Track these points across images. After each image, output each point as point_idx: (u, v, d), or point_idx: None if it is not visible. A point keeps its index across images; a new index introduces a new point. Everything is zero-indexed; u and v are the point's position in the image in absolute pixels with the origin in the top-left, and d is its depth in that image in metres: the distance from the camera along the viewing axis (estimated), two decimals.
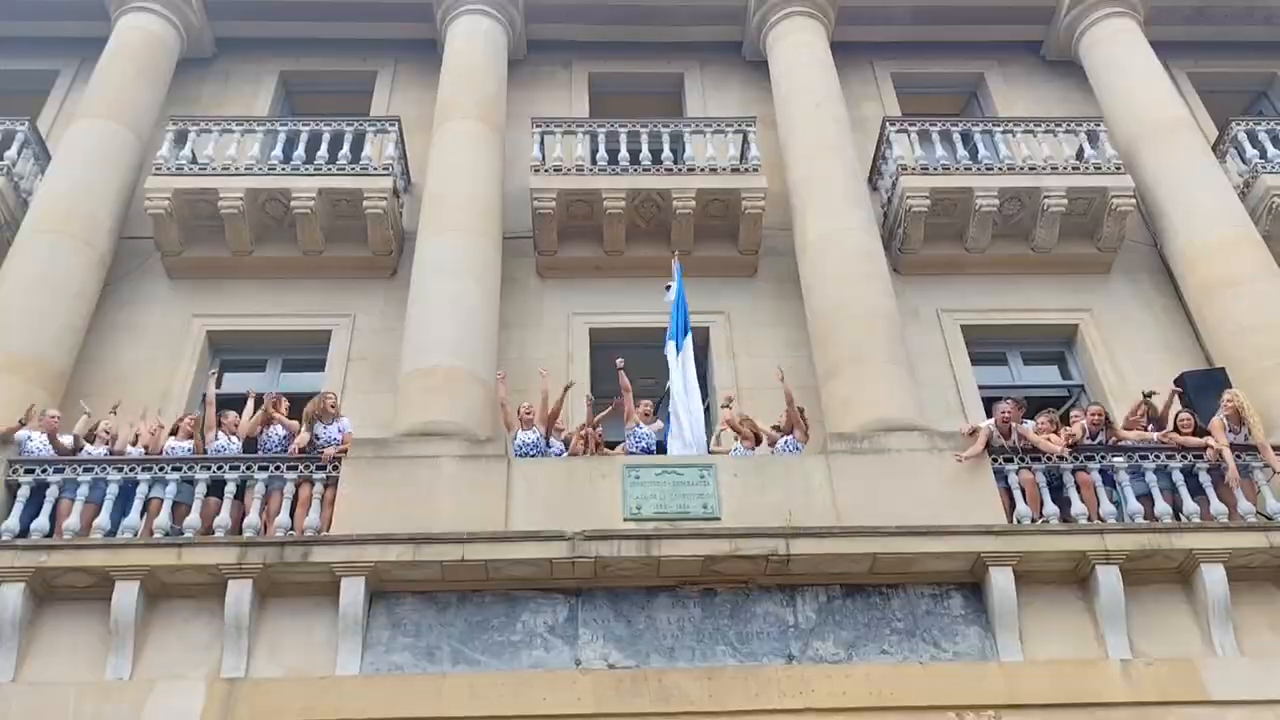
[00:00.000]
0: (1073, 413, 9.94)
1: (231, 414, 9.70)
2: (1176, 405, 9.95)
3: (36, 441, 9.24)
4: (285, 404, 9.85)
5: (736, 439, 9.88)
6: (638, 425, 9.87)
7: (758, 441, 9.85)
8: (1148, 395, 10.00)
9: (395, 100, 13.87)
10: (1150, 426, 9.77)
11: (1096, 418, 9.62)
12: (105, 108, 12.29)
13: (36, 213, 11.31)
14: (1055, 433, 9.53)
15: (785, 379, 10.06)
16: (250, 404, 9.88)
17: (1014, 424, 9.43)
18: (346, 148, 12.13)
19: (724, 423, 10.15)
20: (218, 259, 11.82)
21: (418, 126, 13.11)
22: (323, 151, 12.02)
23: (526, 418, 9.73)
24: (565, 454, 9.63)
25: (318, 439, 9.50)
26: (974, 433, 9.44)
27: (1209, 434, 9.40)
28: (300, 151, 12.02)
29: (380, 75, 14.23)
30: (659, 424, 10.01)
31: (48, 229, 11.05)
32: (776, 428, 9.90)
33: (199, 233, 11.84)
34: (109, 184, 11.70)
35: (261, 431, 9.65)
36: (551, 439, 9.74)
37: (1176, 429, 9.59)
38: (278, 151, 12.12)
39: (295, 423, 9.68)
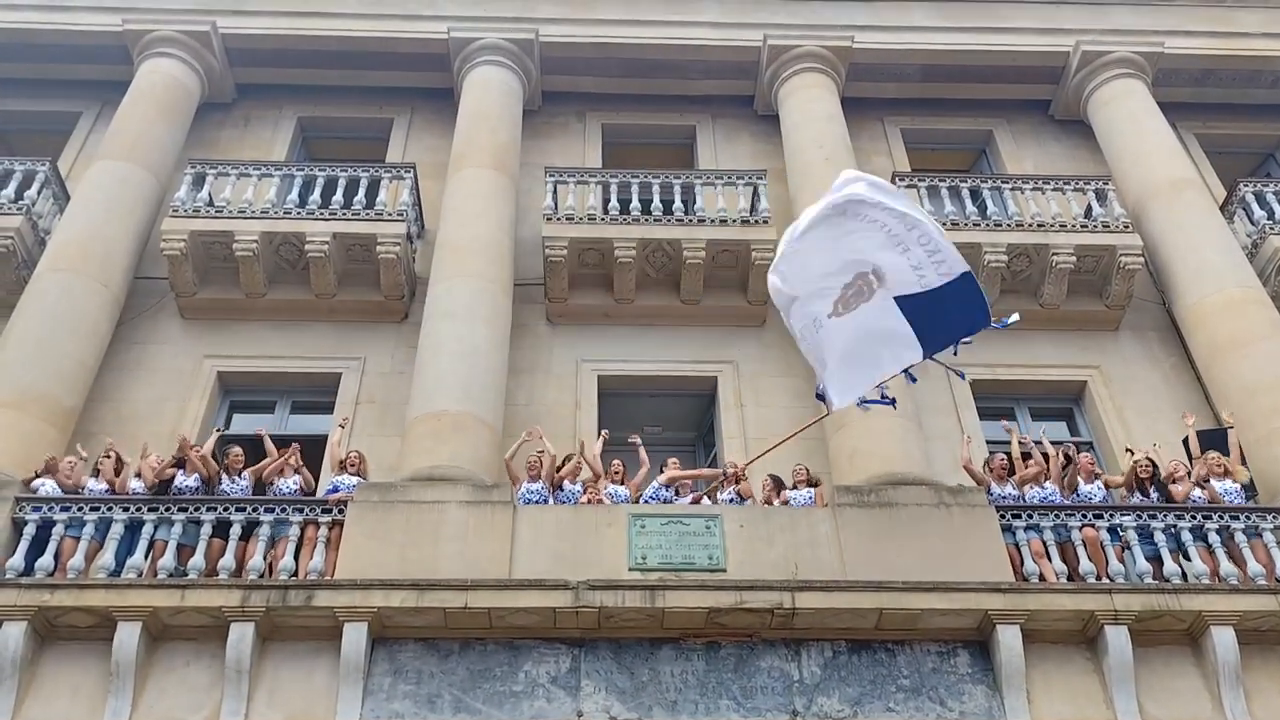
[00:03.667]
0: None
1: (235, 448, 9.66)
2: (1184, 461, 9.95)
3: (48, 487, 9.27)
4: (298, 453, 9.78)
5: (728, 488, 9.82)
6: (663, 488, 9.85)
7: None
8: (1133, 455, 10.05)
9: (411, 147, 14.05)
10: (1153, 487, 9.71)
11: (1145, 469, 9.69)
12: (125, 150, 12.47)
13: (53, 251, 11.44)
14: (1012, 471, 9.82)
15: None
16: (267, 445, 9.78)
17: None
18: (361, 193, 12.27)
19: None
20: (231, 300, 11.91)
21: (432, 173, 13.29)
22: (338, 196, 12.16)
23: (531, 472, 9.71)
24: (578, 499, 9.57)
25: (334, 488, 9.52)
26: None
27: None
28: (316, 196, 12.16)
29: (396, 122, 14.42)
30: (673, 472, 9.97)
31: (64, 268, 11.17)
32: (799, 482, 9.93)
33: (213, 274, 11.96)
34: (126, 225, 11.84)
35: (273, 483, 9.57)
36: (565, 484, 9.72)
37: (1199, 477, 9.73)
38: (293, 195, 12.29)
39: (310, 475, 9.67)
